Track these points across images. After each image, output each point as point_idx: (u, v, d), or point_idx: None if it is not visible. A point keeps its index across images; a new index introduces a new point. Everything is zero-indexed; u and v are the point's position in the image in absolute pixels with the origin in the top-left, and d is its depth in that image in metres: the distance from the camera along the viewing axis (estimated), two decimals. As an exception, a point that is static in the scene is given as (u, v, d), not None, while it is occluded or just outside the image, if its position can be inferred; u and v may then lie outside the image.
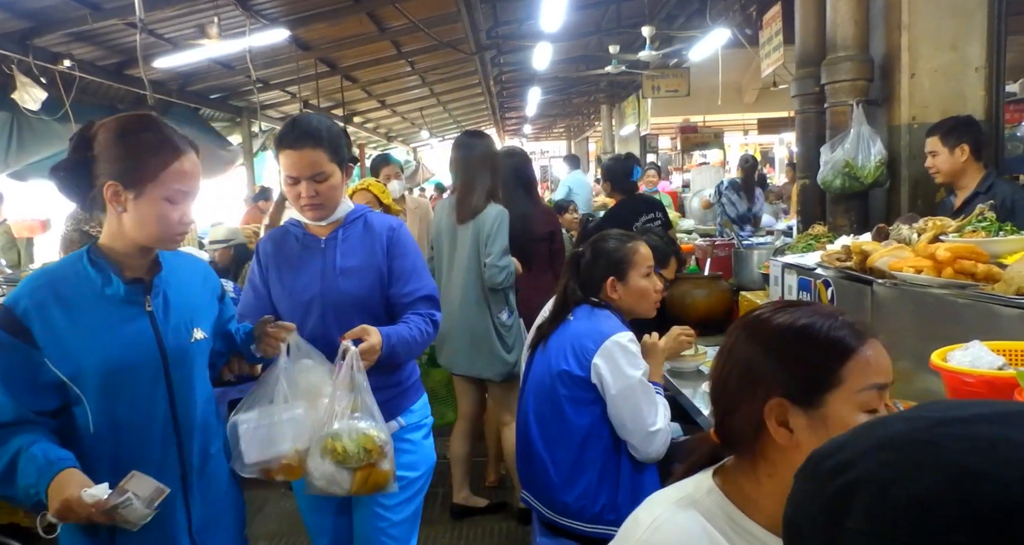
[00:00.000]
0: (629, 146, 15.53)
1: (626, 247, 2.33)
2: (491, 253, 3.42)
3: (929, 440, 0.52)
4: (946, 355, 1.63)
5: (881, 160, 3.88)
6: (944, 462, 0.49)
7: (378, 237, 2.16)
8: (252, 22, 6.69)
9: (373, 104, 13.39)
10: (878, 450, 0.53)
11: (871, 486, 0.50)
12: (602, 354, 2.10)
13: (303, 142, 2.01)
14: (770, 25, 6.12)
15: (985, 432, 0.51)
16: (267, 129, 11.39)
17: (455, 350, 3.58)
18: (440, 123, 18.31)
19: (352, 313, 2.06)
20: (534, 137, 27.34)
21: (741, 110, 15.62)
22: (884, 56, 4.07)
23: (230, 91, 9.60)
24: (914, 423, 0.54)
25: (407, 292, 2.15)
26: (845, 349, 1.06)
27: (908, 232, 2.38)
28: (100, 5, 5.80)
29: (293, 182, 2.05)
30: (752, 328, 1.14)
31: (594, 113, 19.15)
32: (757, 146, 22.28)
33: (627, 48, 9.38)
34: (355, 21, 7.89)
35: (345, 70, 10.02)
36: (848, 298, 2.50)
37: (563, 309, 2.33)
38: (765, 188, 11.40)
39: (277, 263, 2.19)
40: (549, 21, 7.12)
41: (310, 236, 2.17)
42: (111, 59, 6.99)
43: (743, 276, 4.14)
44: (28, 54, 5.87)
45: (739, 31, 7.32)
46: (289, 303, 2.15)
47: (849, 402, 1.05)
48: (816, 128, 4.52)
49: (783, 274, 3.05)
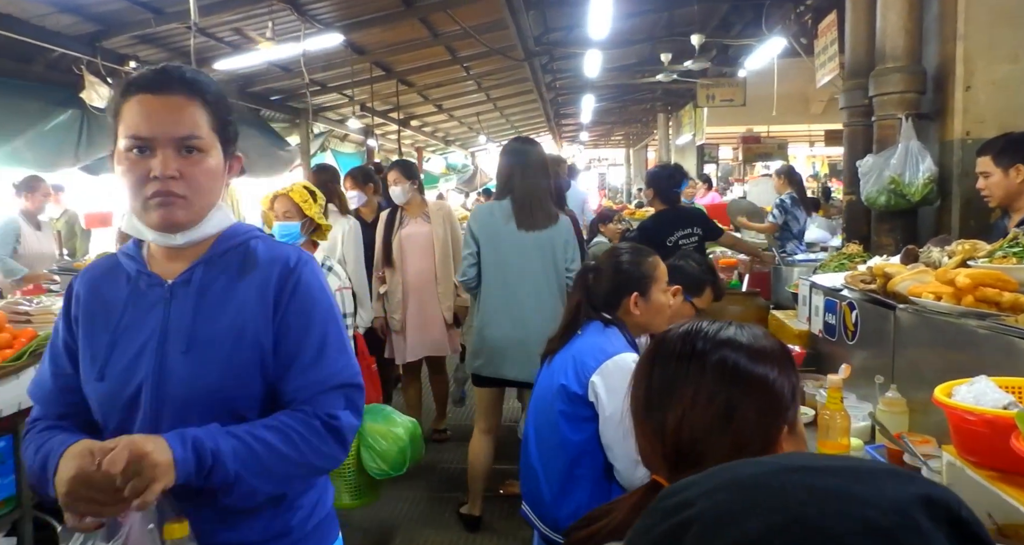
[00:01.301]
0: (686, 155, 15.31)
1: (648, 262, 2.27)
2: (573, 260, 3.51)
3: (772, 485, 0.49)
4: (951, 390, 1.54)
5: (930, 177, 3.71)
6: (780, 507, 0.46)
7: (265, 283, 1.33)
8: (307, 26, 6.83)
9: (430, 108, 13.51)
10: (720, 490, 0.50)
11: (704, 525, 0.48)
12: (601, 373, 2.04)
13: (172, 87, 1.26)
14: (825, 34, 5.94)
15: (831, 484, 0.48)
16: (324, 131, 11.61)
17: (531, 357, 3.49)
18: (498, 128, 18.37)
19: (205, 418, 1.25)
20: (592, 144, 27.20)
21: (807, 120, 15.21)
22: (937, 67, 3.91)
23: (288, 93, 9.81)
24: (764, 467, 0.52)
25: (306, 384, 1.32)
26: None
27: (938, 255, 2.26)
28: (162, 9, 6.01)
29: (141, 151, 1.25)
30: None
31: (652, 121, 18.95)
32: (825, 158, 21.69)
33: (680, 56, 9.25)
34: (408, 26, 7.97)
35: (400, 74, 10.14)
36: (871, 322, 2.39)
37: (573, 324, 2.28)
38: (829, 201, 11.10)
39: (90, 318, 1.36)
40: (596, 28, 7.07)
41: (149, 275, 1.35)
42: (173, 60, 7.22)
43: (780, 294, 4.02)
44: (96, 55, 6.13)
45: (795, 40, 7.13)
46: (100, 394, 1.32)
47: None
48: (864, 142, 4.36)
49: (811, 294, 2.94)
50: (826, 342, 2.84)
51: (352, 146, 13.23)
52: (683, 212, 4.73)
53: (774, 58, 8.08)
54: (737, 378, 1.05)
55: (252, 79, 8.72)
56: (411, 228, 4.51)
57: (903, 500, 0.46)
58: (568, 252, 3.51)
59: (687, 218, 4.59)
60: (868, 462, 0.53)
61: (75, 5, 5.51)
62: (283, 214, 3.18)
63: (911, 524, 0.44)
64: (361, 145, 12.83)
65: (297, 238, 3.14)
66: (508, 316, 3.48)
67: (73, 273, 4.67)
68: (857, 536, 0.43)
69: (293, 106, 10.25)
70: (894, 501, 0.46)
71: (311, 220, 3.22)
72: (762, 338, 1.12)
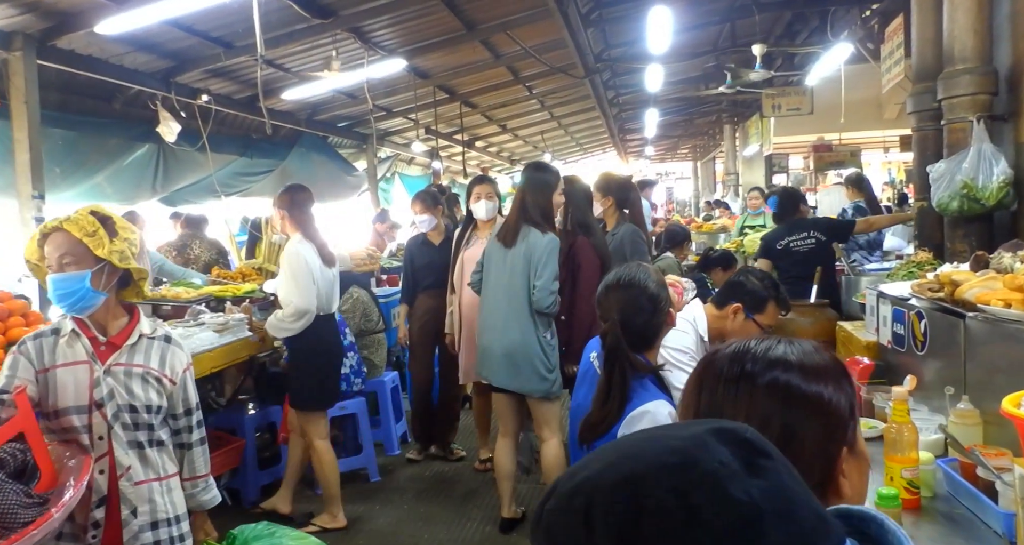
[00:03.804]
0: (753, 167, 15.04)
1: (657, 273, 2.17)
2: (540, 276, 3.62)
3: (617, 443, 0.66)
4: (1021, 400, 1.47)
5: (1005, 180, 3.56)
6: (613, 449, 0.64)
7: None
8: (370, 53, 7.02)
9: (494, 129, 13.66)
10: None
11: (562, 477, 0.64)
12: (628, 424, 1.89)
13: None
14: (892, 38, 5.78)
15: (656, 434, 0.65)
16: (391, 155, 11.85)
17: (509, 367, 3.73)
18: (562, 146, 18.42)
19: None
20: (658, 158, 26.97)
21: (881, 126, 14.75)
22: (1011, 67, 3.75)
23: (355, 119, 10.07)
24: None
25: None
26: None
27: (1010, 261, 2.17)
28: (232, 43, 6.26)
29: None
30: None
31: (719, 133, 18.70)
32: (902, 164, 20.97)
33: (744, 66, 9.13)
34: (469, 49, 8.10)
35: (464, 96, 10.29)
36: (941, 331, 2.30)
37: (621, 398, 1.95)
38: (905, 207, 10.71)
39: None
40: (656, 43, 7.05)
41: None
42: (244, 93, 7.51)
43: (849, 305, 3.90)
44: (171, 91, 6.43)
45: (862, 45, 6.96)
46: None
47: None
48: (935, 146, 4.22)
49: (878, 304, 2.85)
50: (895, 353, 2.75)
51: (419, 169, 13.47)
52: (802, 221, 5.08)
53: (841, 65, 7.90)
54: (791, 400, 0.99)
55: (319, 107, 8.98)
56: (476, 248, 4.43)
57: (698, 431, 0.62)
58: (537, 269, 3.63)
59: (806, 224, 4.94)
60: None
61: (151, 43, 5.80)
62: (58, 261, 2.07)
63: (700, 442, 0.60)
64: (427, 168, 13.05)
65: (87, 300, 2.09)
66: (490, 326, 3.76)
67: (149, 303, 4.85)
68: (661, 454, 0.59)
69: (359, 132, 10.52)
70: (692, 433, 0.62)
71: (110, 265, 2.09)
72: (813, 354, 1.04)
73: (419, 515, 4.29)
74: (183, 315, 4.52)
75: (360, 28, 6.68)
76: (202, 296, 4.77)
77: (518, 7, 7.05)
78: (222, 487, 4.35)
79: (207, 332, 4.12)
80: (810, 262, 4.31)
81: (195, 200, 7.89)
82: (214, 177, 7.33)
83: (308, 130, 9.11)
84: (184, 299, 4.74)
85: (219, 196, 7.62)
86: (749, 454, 0.60)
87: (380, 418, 5.23)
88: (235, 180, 8.10)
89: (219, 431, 4.50)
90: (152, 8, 4.70)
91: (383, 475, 4.84)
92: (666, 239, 6.73)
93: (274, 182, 8.45)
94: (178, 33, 5.71)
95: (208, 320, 4.30)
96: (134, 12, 4.73)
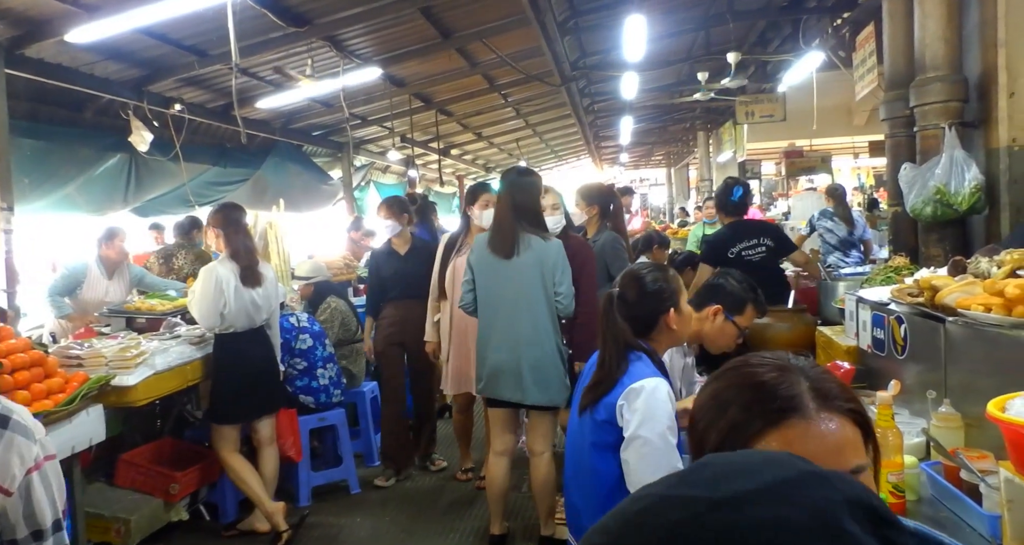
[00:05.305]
0: (727, 172, 15.17)
1: (669, 275, 2.25)
2: (562, 283, 3.54)
3: (704, 539, 0.47)
4: (1005, 404, 1.49)
5: (977, 185, 3.63)
6: None
7: None
8: (345, 62, 6.98)
9: (469, 136, 13.65)
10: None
11: None
12: (627, 396, 2.00)
13: None
14: (863, 46, 5.87)
15: (760, 515, 0.48)
16: (366, 163, 11.79)
17: (522, 379, 3.56)
18: (537, 153, 18.46)
19: None
20: (632, 165, 27.12)
21: (851, 132, 15.00)
22: (980, 75, 3.83)
23: (330, 128, 10.01)
24: (691, 508, 0.49)
25: None
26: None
27: (987, 265, 2.20)
28: (206, 52, 6.19)
29: None
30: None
31: (692, 140, 18.87)
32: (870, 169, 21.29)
33: (718, 74, 9.23)
34: (445, 57, 8.08)
35: (440, 104, 10.27)
36: (921, 336, 2.33)
37: (617, 366, 2.09)
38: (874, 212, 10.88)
39: None
40: (632, 51, 7.09)
41: None
42: (217, 101, 7.43)
43: (828, 310, 3.94)
44: (143, 99, 6.34)
45: (833, 53, 7.06)
46: None
47: None
48: (907, 153, 4.29)
49: (858, 309, 2.88)
50: (875, 358, 2.77)
51: (394, 177, 13.42)
52: (750, 224, 4.77)
53: (813, 72, 8.01)
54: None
55: (294, 116, 8.91)
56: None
57: (825, 499, 0.50)
58: (556, 275, 3.54)
59: (755, 229, 4.63)
60: (787, 466, 0.53)
61: (122, 52, 5.71)
62: None
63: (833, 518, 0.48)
64: (402, 176, 13.00)
65: None
66: (498, 340, 3.59)
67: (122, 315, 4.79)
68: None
69: (335, 140, 10.46)
70: (817, 504, 0.49)
71: None
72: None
73: (401, 528, 4.25)
74: (158, 328, 4.45)
75: (335, 36, 6.64)
76: (177, 308, 4.69)
77: (494, 15, 7.05)
78: (200, 502, 4.30)
79: (183, 345, 4.06)
80: (764, 269, 4.26)
81: (168, 210, 7.78)
82: (187, 187, 7.23)
83: (283, 139, 9.03)
84: (159, 311, 4.67)
85: (192, 206, 7.50)
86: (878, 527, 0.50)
87: (360, 429, 5.18)
88: (209, 190, 7.99)
89: (196, 445, 4.43)
90: (124, 16, 4.62)
91: (363, 487, 4.78)
92: (643, 245, 6.81)
93: (248, 191, 8.35)
94: (151, 41, 5.63)
95: (184, 333, 4.24)
96: (105, 21, 4.65)
